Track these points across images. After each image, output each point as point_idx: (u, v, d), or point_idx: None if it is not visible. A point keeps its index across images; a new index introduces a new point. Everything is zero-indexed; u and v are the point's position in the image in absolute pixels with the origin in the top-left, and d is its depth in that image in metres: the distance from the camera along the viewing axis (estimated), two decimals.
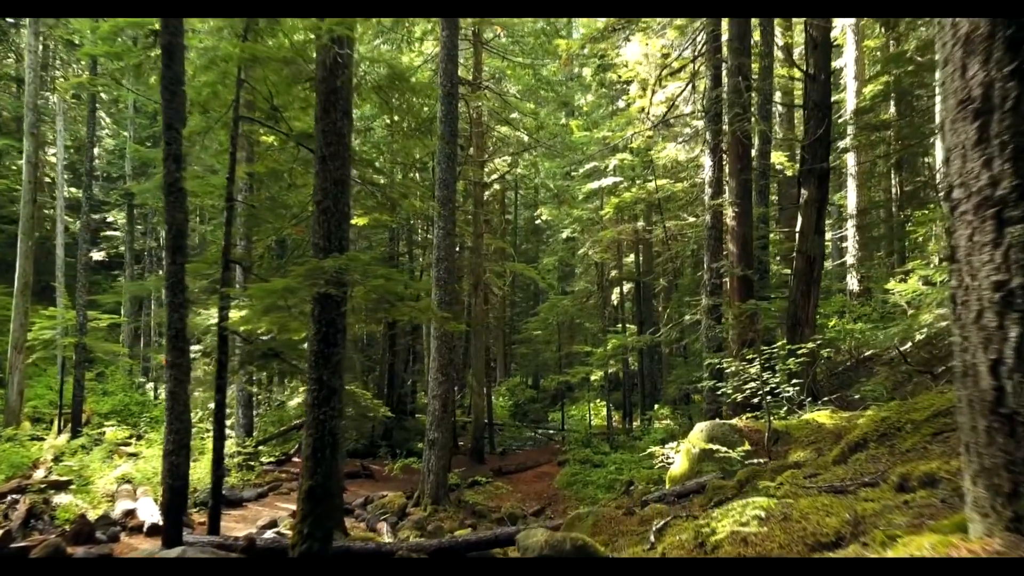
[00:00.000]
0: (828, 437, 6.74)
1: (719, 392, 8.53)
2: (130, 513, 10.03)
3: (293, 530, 5.68)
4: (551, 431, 26.44)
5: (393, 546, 7.12)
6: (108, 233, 29.08)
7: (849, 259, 19.48)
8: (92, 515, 10.25)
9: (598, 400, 26.77)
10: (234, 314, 8.14)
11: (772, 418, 7.73)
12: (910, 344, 10.10)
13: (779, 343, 7.41)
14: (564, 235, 24.95)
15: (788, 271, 17.06)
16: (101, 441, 16.15)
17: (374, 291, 5.83)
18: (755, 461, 7.05)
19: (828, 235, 18.65)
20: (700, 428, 7.67)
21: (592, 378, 22.72)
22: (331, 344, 6.04)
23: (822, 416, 7.48)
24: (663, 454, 8.44)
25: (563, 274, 33.29)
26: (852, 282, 19.01)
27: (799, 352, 7.49)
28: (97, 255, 27.66)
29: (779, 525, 2.95)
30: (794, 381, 7.79)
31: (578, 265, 27.47)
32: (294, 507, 10.92)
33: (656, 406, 23.89)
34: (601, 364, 13.01)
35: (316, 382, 5.97)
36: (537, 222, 33.97)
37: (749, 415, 8.24)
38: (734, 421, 7.69)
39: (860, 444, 4.78)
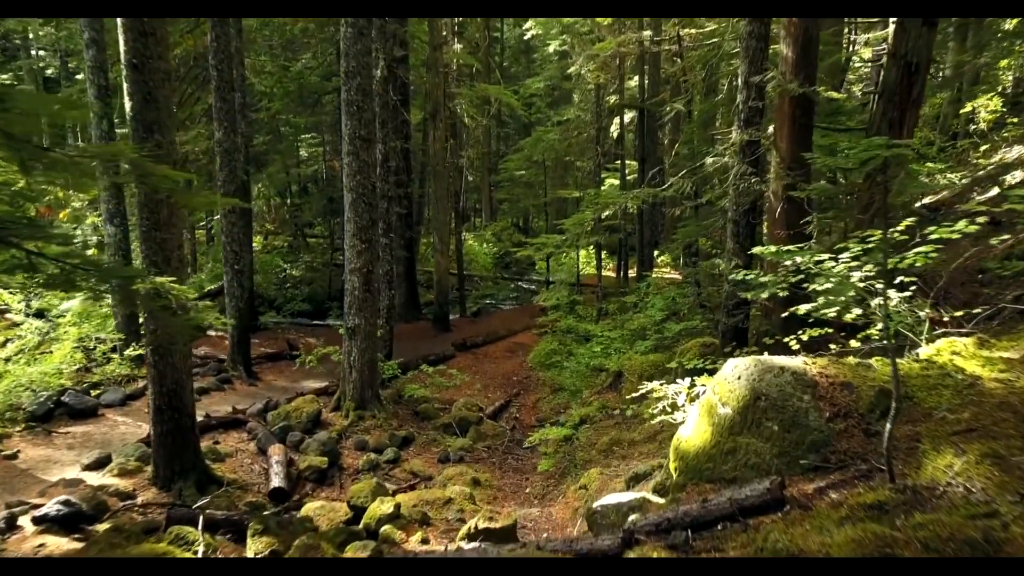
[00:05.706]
0: (1003, 415, 3.37)
1: (763, 295, 4.94)
2: None
3: None
4: (536, 283, 23.57)
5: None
6: None
7: None
8: None
9: (589, 247, 23.54)
10: None
11: (874, 360, 4.33)
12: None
13: (905, 222, 3.77)
14: (552, 48, 20.12)
15: (838, 96, 12.87)
16: None
17: None
18: (848, 457, 3.71)
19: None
20: (736, 371, 4.29)
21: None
22: None
23: (966, 355, 4.05)
24: (665, 396, 5.13)
25: (555, 99, 28.63)
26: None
27: (932, 236, 3.78)
28: None
29: None
30: (899, 280, 4.23)
31: (574, 90, 22.88)
32: None
33: (656, 253, 20.74)
34: (587, 227, 9.47)
35: None
36: (527, 36, 28.67)
37: (807, 337, 4.75)
38: (798, 362, 4.26)
39: None
